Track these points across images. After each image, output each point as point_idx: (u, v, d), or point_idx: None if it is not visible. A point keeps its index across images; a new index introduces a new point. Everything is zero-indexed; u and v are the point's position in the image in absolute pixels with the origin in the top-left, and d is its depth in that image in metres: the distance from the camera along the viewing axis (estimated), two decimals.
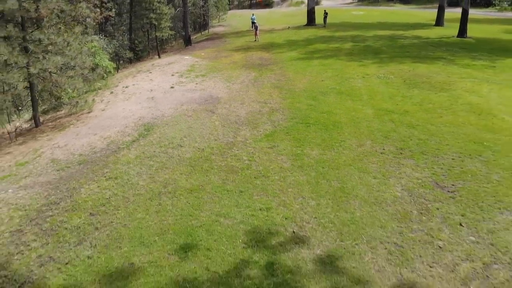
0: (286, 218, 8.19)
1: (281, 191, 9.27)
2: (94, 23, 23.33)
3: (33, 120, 16.30)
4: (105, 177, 10.06)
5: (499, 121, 12.83)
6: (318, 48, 26.16)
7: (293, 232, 7.77)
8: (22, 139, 14.51)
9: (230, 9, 57.57)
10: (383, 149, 11.15)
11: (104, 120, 14.65)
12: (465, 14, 28.50)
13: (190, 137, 12.64)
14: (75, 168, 10.77)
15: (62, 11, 14.47)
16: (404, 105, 14.62)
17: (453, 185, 9.19)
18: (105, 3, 30.33)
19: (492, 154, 10.55)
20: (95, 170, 10.52)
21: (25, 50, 14.24)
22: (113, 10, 31.45)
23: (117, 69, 25.27)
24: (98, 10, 22.70)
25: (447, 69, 19.52)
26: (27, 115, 19.89)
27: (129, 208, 8.63)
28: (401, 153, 10.84)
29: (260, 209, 8.55)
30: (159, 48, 31.18)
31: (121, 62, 30.22)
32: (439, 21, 35.06)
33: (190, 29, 34.15)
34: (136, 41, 33.62)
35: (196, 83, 19.25)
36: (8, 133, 14.44)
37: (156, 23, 28.03)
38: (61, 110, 17.92)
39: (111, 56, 24.66)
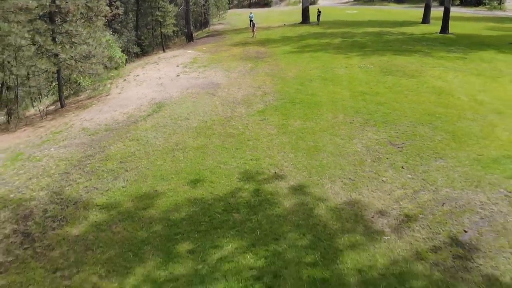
0: (270, 165, 10.75)
1: (268, 148, 11.83)
2: (105, 20, 25.82)
3: (58, 102, 18.87)
4: (128, 139, 12.64)
5: (454, 100, 15.36)
6: (310, 43, 28.66)
7: (275, 172, 10.33)
8: (51, 116, 17.08)
9: (229, 8, 60.07)
10: (353, 120, 13.70)
11: (121, 101, 17.21)
12: (446, 12, 31.01)
13: (195, 113, 15.19)
14: (102, 134, 13.35)
15: (85, 7, 16.98)
16: (377, 88, 17.15)
17: (403, 143, 11.76)
18: (114, 2, 32.86)
19: (441, 122, 13.10)
20: (120, 134, 13.09)
21: (54, 40, 16.79)
22: (120, 8, 33.96)
23: (125, 62, 27.76)
24: (108, 8, 25.26)
25: (422, 60, 22.04)
26: (47, 101, 22.41)
27: (150, 159, 11.20)
28: (366, 123, 13.39)
29: (251, 159, 11.11)
30: (163, 43, 33.74)
31: (129, 56, 32.76)
32: (426, 19, 37.48)
33: (192, 27, 36.71)
34: (142, 37, 36.20)
35: (199, 72, 21.77)
36: (40, 111, 16.99)
37: (162, 20, 30.58)
38: (80, 95, 20.48)
39: (121, 50, 27.15)
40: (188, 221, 8.38)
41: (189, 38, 34.51)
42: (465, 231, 7.86)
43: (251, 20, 34.76)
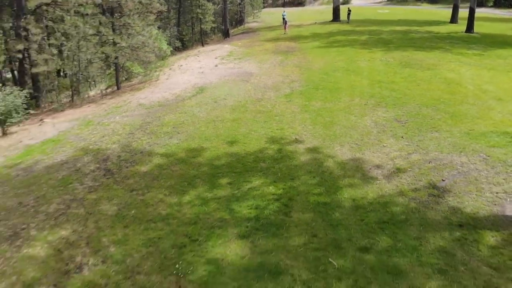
0: (292, 133, 13.21)
1: (291, 122, 14.29)
2: (155, 16, 28.97)
3: (112, 87, 22.04)
4: (178, 112, 15.44)
5: (461, 88, 17.23)
6: (338, 39, 30.79)
7: (295, 138, 12.78)
8: (110, 96, 20.22)
9: (264, 7, 62.70)
10: (367, 102, 15.91)
11: (169, 85, 20.13)
12: (471, 12, 32.29)
13: (231, 95, 17.83)
14: (156, 108, 16.23)
15: (140, 4, 20.01)
16: (393, 78, 19.21)
17: (406, 120, 13.90)
18: (159, 0, 36.18)
19: (444, 105, 15.10)
20: (171, 109, 15.93)
21: (113, 31, 19.91)
22: (164, 6, 37.27)
23: (169, 54, 30.86)
24: (159, 5, 28.40)
25: (441, 55, 23.77)
26: (103, 86, 25.72)
27: (196, 126, 13.92)
28: (378, 105, 15.57)
29: (276, 129, 13.60)
30: (202, 39, 36.76)
31: (171, 50, 35.98)
32: (454, 18, 38.65)
33: (228, 24, 39.53)
34: (183, 33, 39.43)
35: (234, 64, 24.45)
36: (101, 92, 20.17)
37: (202, 17, 33.58)
38: (132, 81, 23.62)
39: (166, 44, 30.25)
40: (226, 166, 10.99)
41: (226, 34, 37.36)
42: (443, 180, 10.03)
43: (283, 18, 37.15)
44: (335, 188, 9.72)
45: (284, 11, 40.40)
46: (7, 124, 16.33)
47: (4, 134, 16.33)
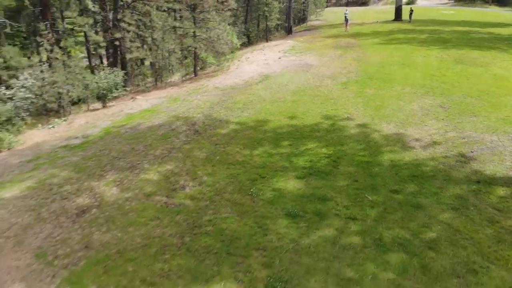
0: (344, 112, 15.48)
1: (345, 104, 16.53)
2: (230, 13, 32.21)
3: (189, 75, 25.43)
4: (247, 93, 18.29)
5: (508, 83, 18.41)
6: (397, 37, 32.15)
7: (347, 116, 15.04)
8: (189, 82, 23.59)
9: (327, 7, 64.38)
10: (416, 91, 17.71)
11: (238, 73, 23.11)
12: None
13: (292, 82, 20.35)
14: (229, 90, 19.21)
15: (217, 1, 23.12)
16: (445, 72, 20.67)
17: (450, 106, 15.62)
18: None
19: (487, 96, 16.54)
20: (241, 91, 18.83)
21: (195, 24, 23.21)
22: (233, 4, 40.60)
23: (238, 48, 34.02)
24: (234, 2, 31.64)
25: (496, 55, 24.57)
26: (179, 74, 29.35)
27: (262, 104, 16.65)
28: (426, 94, 17.33)
29: (331, 109, 15.93)
30: (266, 35, 39.64)
31: (240, 44, 39.29)
32: None
33: (291, 21, 42.03)
34: (249, 29, 42.63)
35: (296, 56, 26.93)
36: (181, 77, 23.62)
37: (268, 15, 36.43)
38: (206, 70, 26.93)
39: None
40: (287, 133, 13.58)
41: (289, 31, 39.93)
42: (471, 152, 11.87)
43: (345, 17, 38.92)
44: (377, 153, 11.93)
45: (346, 10, 42.11)
46: (107, 98, 20.14)
47: (104, 106, 20.15)
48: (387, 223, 8.59)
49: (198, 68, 27.52)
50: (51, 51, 19.41)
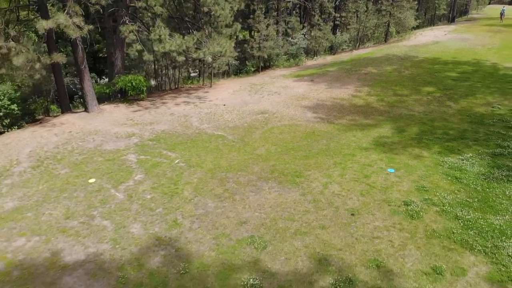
0: (486, 60, 28.55)
1: (486, 55, 29.40)
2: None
3: (381, 42, 40.14)
4: (425, 48, 32.36)
5: None
6: None
7: (492, 62, 28.12)
8: (382, 45, 38.39)
9: (489, 3, 71.47)
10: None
11: (416, 41, 36.95)
12: None
13: (454, 46, 33.47)
14: (413, 47, 33.44)
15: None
16: None
17: None
18: None
19: None
20: (421, 46, 32.98)
21: (391, 5, 37.68)
22: None
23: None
24: None
25: None
26: (371, 43, 44.19)
27: (433, 53, 30.62)
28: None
29: (477, 57, 29.08)
30: (433, 21, 51.77)
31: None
32: None
33: (454, 13, 52.84)
34: (418, 17, 55.20)
35: (457, 34, 39.31)
36: (374, 44, 38.61)
37: (437, 6, 48.68)
38: (390, 40, 41.33)
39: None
40: (451, 63, 27.48)
41: (451, 20, 51.34)
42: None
43: (502, 12, 48.67)
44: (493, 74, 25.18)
45: (503, 7, 51.38)
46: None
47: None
48: None
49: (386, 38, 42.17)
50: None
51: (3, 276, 8.67)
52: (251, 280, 8.37)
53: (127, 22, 18.84)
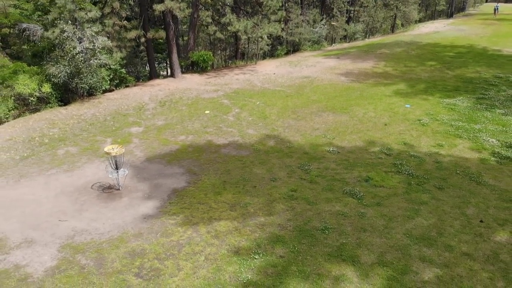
0: (477, 44, 34.75)
1: (479, 41, 35.60)
2: None
3: (388, 32, 46.34)
4: (427, 36, 38.58)
5: None
6: None
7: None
8: (391, 34, 44.59)
9: (486, 1, 77.75)
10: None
11: (419, 32, 43.14)
12: None
13: (452, 35, 39.70)
14: (417, 34, 39.65)
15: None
16: None
17: None
18: None
19: None
20: (425, 35, 39.19)
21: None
22: None
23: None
24: None
25: None
26: (380, 33, 50.36)
27: (435, 40, 36.86)
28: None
29: (472, 43, 35.29)
30: (434, 16, 58.02)
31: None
32: None
33: (452, 9, 59.14)
34: (419, 12, 61.42)
35: (454, 26, 45.48)
36: (382, 34, 44.86)
37: (437, 2, 54.91)
38: (396, 30, 47.53)
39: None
40: (449, 46, 33.70)
41: (450, 15, 57.59)
42: None
43: (495, 8, 54.89)
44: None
45: (497, 4, 57.67)
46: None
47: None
48: None
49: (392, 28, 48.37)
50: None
51: (184, 149, 14.85)
52: (331, 149, 14.53)
53: (202, 9, 24.99)
